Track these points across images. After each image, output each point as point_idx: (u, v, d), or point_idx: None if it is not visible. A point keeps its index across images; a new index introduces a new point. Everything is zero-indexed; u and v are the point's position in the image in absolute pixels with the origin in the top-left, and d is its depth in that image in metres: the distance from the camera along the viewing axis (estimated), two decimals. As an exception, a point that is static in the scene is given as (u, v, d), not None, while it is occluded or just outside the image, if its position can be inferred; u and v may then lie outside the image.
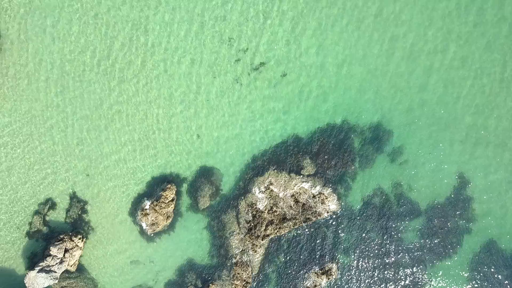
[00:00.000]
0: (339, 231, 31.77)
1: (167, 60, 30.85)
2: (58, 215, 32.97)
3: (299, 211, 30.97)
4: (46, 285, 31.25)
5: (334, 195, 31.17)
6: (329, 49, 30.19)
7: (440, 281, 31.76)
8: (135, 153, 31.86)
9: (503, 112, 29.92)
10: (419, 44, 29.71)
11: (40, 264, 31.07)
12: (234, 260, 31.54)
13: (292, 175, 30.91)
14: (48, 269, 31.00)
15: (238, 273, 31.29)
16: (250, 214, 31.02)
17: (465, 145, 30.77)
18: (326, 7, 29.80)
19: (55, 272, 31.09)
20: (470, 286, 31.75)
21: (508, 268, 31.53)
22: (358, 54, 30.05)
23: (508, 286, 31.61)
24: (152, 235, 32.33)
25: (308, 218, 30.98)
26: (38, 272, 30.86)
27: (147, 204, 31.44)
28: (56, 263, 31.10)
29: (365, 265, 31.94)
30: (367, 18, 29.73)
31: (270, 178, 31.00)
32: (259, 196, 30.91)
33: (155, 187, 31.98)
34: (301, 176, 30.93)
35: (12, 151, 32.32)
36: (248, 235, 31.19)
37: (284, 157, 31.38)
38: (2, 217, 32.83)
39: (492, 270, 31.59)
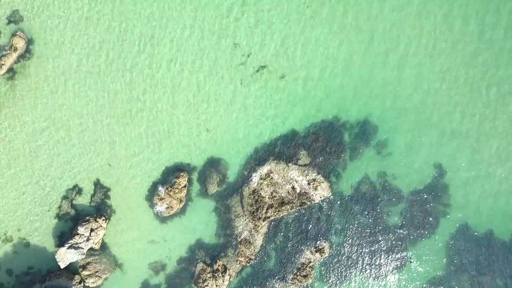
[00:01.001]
0: (331, 214, 36.12)
1: (184, 67, 35.29)
2: (83, 200, 37.51)
3: (295, 196, 35.35)
4: (74, 260, 35.78)
5: (326, 182, 35.50)
6: (325, 58, 34.53)
7: (419, 258, 36.05)
8: (153, 146, 36.34)
9: (471, 110, 34.17)
10: (400, 54, 34.01)
11: (69, 241, 35.59)
12: (238, 239, 35.99)
13: (290, 164, 35.28)
14: (76, 246, 35.54)
15: (242, 251, 35.74)
16: (252, 199, 35.44)
17: (442, 139, 34.98)
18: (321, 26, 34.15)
19: (82, 248, 35.62)
20: (446, 263, 36.04)
21: (480, 246, 35.73)
22: (351, 63, 34.36)
23: (480, 265, 35.83)
24: (166, 217, 36.84)
25: (304, 202, 35.36)
26: (67, 248, 35.39)
27: (162, 190, 35.91)
28: (83, 241, 35.62)
29: (353, 244, 36.26)
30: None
31: (270, 167, 35.38)
32: (260, 183, 35.30)
33: (170, 175, 36.46)
34: (297, 165, 35.30)
35: (50, 147, 36.87)
36: (251, 217, 35.60)
37: (282, 149, 35.75)
38: (35, 201, 37.40)
39: (466, 248, 35.81)
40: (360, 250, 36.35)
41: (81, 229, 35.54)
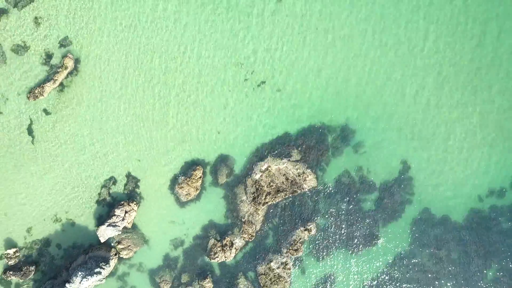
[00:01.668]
0: (317, 201, 44.74)
1: (200, 84, 44.23)
2: (118, 188, 46.47)
3: (288, 186, 44.04)
4: (112, 235, 44.72)
5: (313, 175, 44.13)
6: (311, 78, 43.25)
7: (388, 237, 44.50)
8: (175, 146, 45.10)
9: (431, 115, 42.68)
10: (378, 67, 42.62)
11: (108, 221, 44.52)
12: (243, 220, 44.73)
13: (284, 160, 43.95)
14: (113, 224, 44.49)
15: (245, 229, 44.49)
16: (254, 188, 44.20)
17: (407, 140, 43.35)
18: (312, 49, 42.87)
19: (118, 226, 44.53)
20: (410, 241, 44.45)
21: (438, 227, 44.01)
22: (332, 82, 43.03)
23: (438, 242, 44.23)
24: (185, 202, 45.67)
25: (295, 191, 44.02)
26: (107, 226, 44.34)
27: (182, 180, 44.76)
28: (119, 221, 44.54)
29: (335, 225, 44.83)
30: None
31: (268, 163, 44.10)
32: (260, 175, 44.05)
33: (188, 169, 45.28)
34: (290, 161, 43.98)
35: (92, 146, 45.95)
36: (252, 202, 44.34)
37: (278, 148, 44.43)
38: (80, 189, 46.44)
39: (426, 229, 44.19)
40: (340, 230, 44.92)
41: (117, 211, 44.49)
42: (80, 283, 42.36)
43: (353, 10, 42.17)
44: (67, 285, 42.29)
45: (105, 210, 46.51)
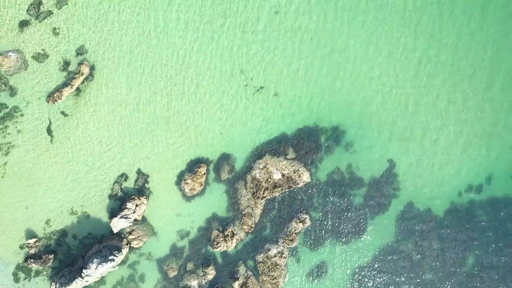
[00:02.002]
0: (311, 195, 49.05)
1: (207, 89, 48.61)
2: (129, 184, 50.84)
3: (284, 181, 48.34)
4: (123, 227, 49.04)
5: (307, 171, 48.42)
6: (306, 85, 47.56)
7: (375, 229, 48.76)
8: (182, 145, 49.45)
9: (415, 120, 46.95)
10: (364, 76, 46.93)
11: (120, 213, 48.87)
12: (243, 213, 49.07)
13: (280, 158, 48.25)
14: (125, 216, 48.84)
15: (245, 221, 48.81)
16: (253, 183, 48.54)
17: (393, 141, 47.59)
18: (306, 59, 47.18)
19: (130, 218, 48.89)
20: (396, 231, 48.68)
21: (421, 219, 48.24)
22: (325, 89, 47.34)
23: (422, 233, 48.44)
24: (190, 197, 50.01)
25: (291, 186, 48.32)
26: (119, 218, 48.70)
27: (188, 176, 49.11)
28: (131, 213, 48.90)
29: (327, 218, 49.09)
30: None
31: (266, 160, 48.41)
32: (259, 172, 48.37)
33: (193, 166, 49.63)
34: (286, 159, 48.28)
35: (104, 145, 50.37)
36: (252, 197, 48.65)
37: (275, 147, 48.72)
38: (94, 185, 50.86)
39: (410, 222, 48.44)
40: (332, 222, 49.22)
41: (129, 205, 48.86)
42: (95, 269, 46.75)
43: (344, 24, 46.49)
44: (84, 270, 46.69)
45: (117, 204, 50.89)
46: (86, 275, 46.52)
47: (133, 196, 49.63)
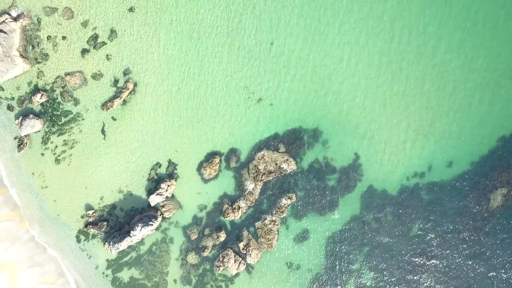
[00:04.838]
0: (296, 179, 65.72)
1: (221, 100, 65.57)
2: (162, 170, 68.06)
3: (277, 169, 65.12)
4: (158, 201, 66.14)
5: (294, 161, 64.93)
6: (293, 98, 64.18)
7: (344, 204, 65.28)
8: (202, 142, 66.25)
9: (376, 120, 63.26)
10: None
11: (156, 191, 66.06)
12: (246, 192, 66.18)
13: (274, 151, 65.03)
14: (160, 194, 66.04)
15: (248, 198, 65.82)
16: (254, 170, 65.55)
17: (358, 138, 63.74)
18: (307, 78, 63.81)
19: (163, 195, 66.11)
20: (360, 207, 65.10)
21: (380, 198, 64.61)
22: (307, 102, 63.87)
23: (382, 210, 64.93)
24: (207, 180, 67.10)
25: (281, 172, 64.88)
26: (155, 195, 66.01)
27: (206, 164, 66.13)
28: (163, 191, 65.95)
29: (309, 196, 65.68)
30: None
31: (264, 153, 65.32)
32: (258, 161, 65.33)
33: (210, 157, 66.61)
34: (278, 152, 65.11)
35: (143, 143, 67.88)
36: (253, 180, 65.61)
37: (270, 143, 65.47)
38: (137, 171, 68.29)
39: (370, 199, 64.87)
40: (312, 199, 65.84)
41: (162, 185, 66.07)
42: (139, 231, 64.37)
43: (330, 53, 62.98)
44: (131, 232, 64.34)
45: (153, 185, 68.08)
46: (133, 235, 64.18)
47: (165, 179, 67.02)
